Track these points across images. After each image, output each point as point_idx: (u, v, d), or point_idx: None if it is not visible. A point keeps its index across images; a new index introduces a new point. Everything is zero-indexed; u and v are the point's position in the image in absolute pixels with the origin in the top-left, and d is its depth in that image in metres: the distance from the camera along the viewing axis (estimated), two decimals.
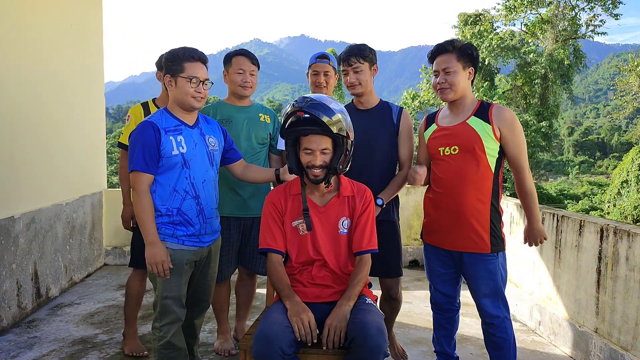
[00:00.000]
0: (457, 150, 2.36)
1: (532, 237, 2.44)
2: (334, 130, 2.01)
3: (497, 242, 2.37)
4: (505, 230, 2.52)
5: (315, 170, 2.07)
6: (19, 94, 3.58)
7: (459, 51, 2.35)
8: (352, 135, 2.11)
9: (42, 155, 3.90)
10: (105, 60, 5.50)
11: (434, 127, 2.50)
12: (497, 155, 2.35)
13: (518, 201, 3.04)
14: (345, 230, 2.17)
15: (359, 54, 2.63)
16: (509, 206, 4.02)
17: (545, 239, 2.44)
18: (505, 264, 2.44)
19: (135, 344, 3.02)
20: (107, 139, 5.96)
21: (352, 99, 2.83)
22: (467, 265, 2.41)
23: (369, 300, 2.10)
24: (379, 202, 2.59)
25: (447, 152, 2.39)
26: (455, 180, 2.38)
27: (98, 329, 3.44)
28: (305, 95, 2.09)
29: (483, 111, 2.35)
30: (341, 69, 2.73)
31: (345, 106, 2.73)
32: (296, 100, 2.06)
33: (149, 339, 3.23)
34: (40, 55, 3.89)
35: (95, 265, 4.93)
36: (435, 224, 2.48)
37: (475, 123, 2.33)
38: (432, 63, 2.43)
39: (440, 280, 2.55)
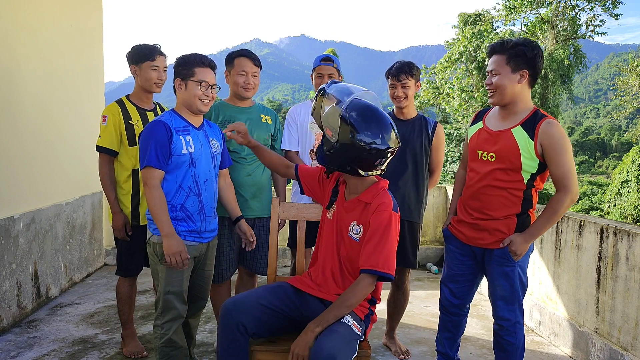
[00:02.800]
0: (494, 158, 2.27)
1: (516, 246, 2.25)
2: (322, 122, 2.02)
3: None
4: None
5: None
6: (19, 93, 3.58)
7: (509, 52, 2.19)
8: (331, 134, 1.98)
9: (42, 155, 3.90)
10: (105, 60, 5.50)
11: (479, 125, 2.41)
12: (534, 172, 2.23)
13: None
14: (355, 236, 2.06)
15: (409, 71, 2.87)
16: None
17: (516, 259, 2.28)
18: (525, 271, 2.35)
19: (134, 346, 3.01)
20: None
21: (393, 109, 3.02)
22: (486, 263, 2.37)
23: (345, 319, 1.95)
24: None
25: (484, 157, 2.32)
26: (484, 187, 2.31)
27: (98, 329, 3.44)
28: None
29: (532, 124, 2.20)
30: (389, 82, 2.94)
31: None
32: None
33: (149, 338, 3.23)
34: (40, 55, 3.89)
35: (95, 265, 4.93)
36: (463, 221, 2.44)
37: (519, 135, 2.21)
38: None
39: (454, 280, 2.51)
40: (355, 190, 2.10)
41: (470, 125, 2.49)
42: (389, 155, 1.95)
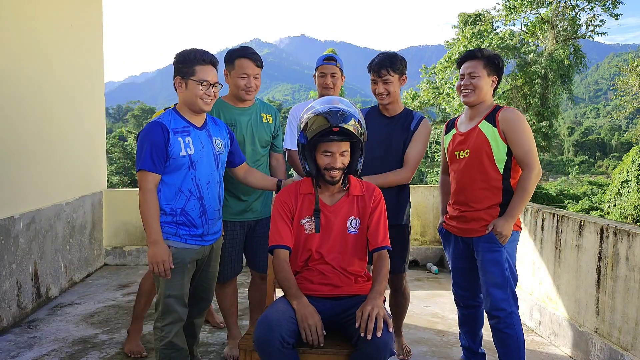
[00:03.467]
0: (469, 153, 2.51)
1: (500, 227, 2.41)
2: (363, 138, 2.10)
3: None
4: None
5: (334, 172, 2.10)
6: (19, 94, 3.58)
7: (486, 59, 2.48)
8: (366, 136, 2.15)
9: (42, 155, 3.90)
10: (105, 60, 5.50)
11: (453, 132, 2.66)
12: (506, 158, 2.44)
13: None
14: (354, 230, 2.19)
15: (390, 66, 2.69)
16: None
17: (502, 240, 2.43)
18: (514, 260, 2.50)
19: (135, 344, 3.02)
20: (107, 139, 5.97)
21: (377, 103, 2.88)
22: (477, 254, 2.51)
23: None
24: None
25: (461, 155, 2.55)
26: (466, 181, 2.53)
27: (98, 329, 3.44)
28: (333, 107, 2.05)
29: (493, 115, 2.47)
30: (370, 77, 2.77)
31: (369, 109, 2.92)
32: (328, 114, 2.02)
33: (149, 338, 3.23)
34: (40, 55, 3.89)
35: (95, 265, 4.93)
36: (452, 218, 2.65)
37: (485, 127, 2.47)
38: (459, 68, 2.56)
39: (459, 274, 2.68)
40: (339, 189, 2.21)
41: (445, 135, 2.71)
42: None
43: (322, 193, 2.22)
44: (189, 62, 2.23)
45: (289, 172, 3.95)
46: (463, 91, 2.52)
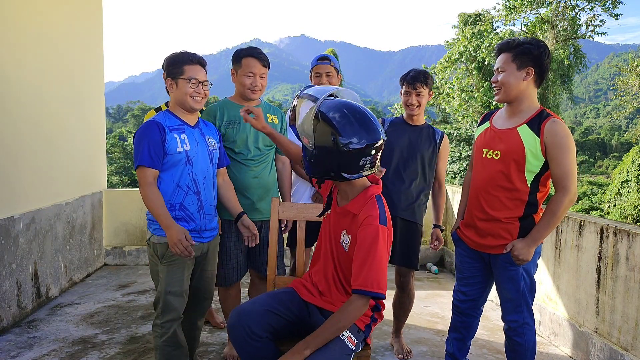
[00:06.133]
0: (498, 156, 2.28)
1: (517, 251, 2.22)
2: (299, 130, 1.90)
3: None
4: None
5: None
6: (19, 94, 3.58)
7: (515, 50, 2.22)
8: (308, 141, 1.85)
9: (42, 155, 3.90)
10: (105, 60, 5.50)
11: (486, 125, 2.43)
12: (538, 171, 2.21)
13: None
14: (345, 245, 1.97)
15: (424, 81, 2.92)
16: None
17: (518, 263, 2.26)
18: (534, 271, 2.35)
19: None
20: (107, 139, 5.98)
21: (402, 114, 3.10)
22: (493, 267, 2.40)
23: (343, 336, 1.87)
24: (441, 228, 3.07)
25: (489, 155, 2.32)
26: (488, 186, 2.33)
27: (98, 329, 3.44)
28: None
29: (537, 122, 2.21)
30: (403, 89, 2.97)
31: (394, 119, 3.10)
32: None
33: (149, 339, 3.23)
34: (40, 55, 3.89)
35: (95, 265, 4.93)
36: (469, 225, 2.46)
37: (525, 133, 2.21)
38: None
39: (465, 283, 2.53)
40: (345, 196, 1.98)
41: (478, 126, 2.51)
42: (373, 152, 1.79)
43: (339, 192, 2.05)
44: (177, 63, 2.31)
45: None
46: (493, 89, 2.33)
